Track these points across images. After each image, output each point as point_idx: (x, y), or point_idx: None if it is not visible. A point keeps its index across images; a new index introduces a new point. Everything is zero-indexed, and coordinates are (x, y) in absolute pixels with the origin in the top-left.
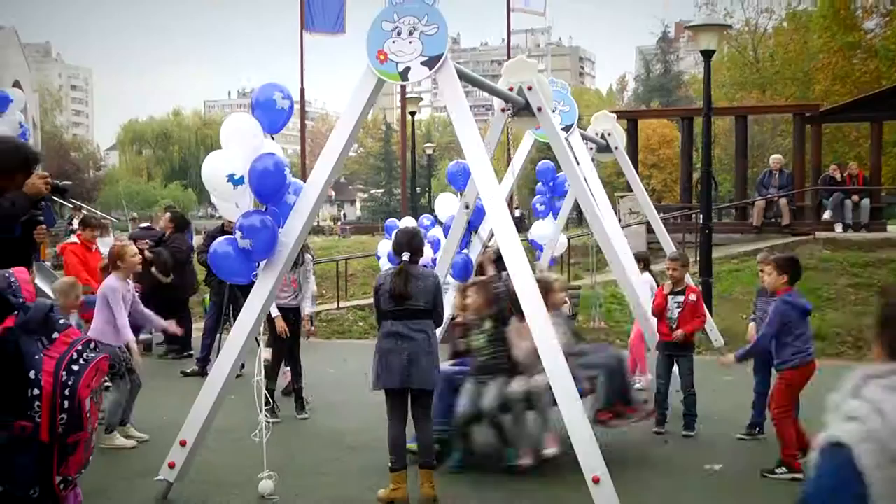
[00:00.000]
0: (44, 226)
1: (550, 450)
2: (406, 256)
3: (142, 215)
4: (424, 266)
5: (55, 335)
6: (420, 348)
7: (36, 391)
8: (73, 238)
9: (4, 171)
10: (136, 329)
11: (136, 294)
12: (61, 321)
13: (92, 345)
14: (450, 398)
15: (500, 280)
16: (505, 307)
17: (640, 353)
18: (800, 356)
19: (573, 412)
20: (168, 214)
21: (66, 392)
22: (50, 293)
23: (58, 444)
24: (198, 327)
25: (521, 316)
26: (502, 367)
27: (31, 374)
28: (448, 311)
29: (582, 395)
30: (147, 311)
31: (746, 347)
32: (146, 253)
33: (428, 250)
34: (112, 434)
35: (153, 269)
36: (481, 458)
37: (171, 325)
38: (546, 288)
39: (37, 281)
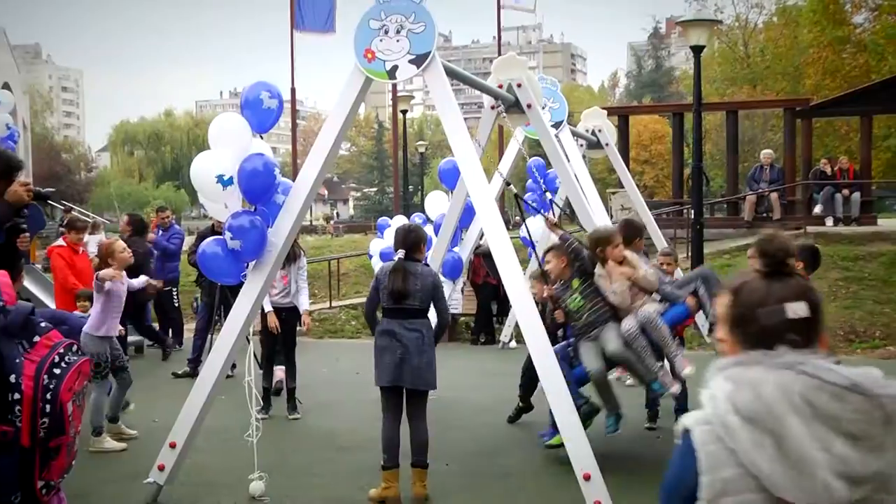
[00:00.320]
0: (27, 234)
1: (687, 370)
2: (401, 253)
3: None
4: (425, 264)
5: (36, 338)
6: (414, 348)
7: (17, 395)
8: (60, 241)
9: None
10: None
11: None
12: (42, 324)
13: (74, 348)
14: (569, 372)
15: (569, 237)
16: (585, 259)
17: None
18: None
19: (563, 409)
20: (126, 217)
21: (48, 396)
22: (40, 296)
23: (39, 448)
24: (189, 328)
25: (603, 261)
26: (606, 316)
27: (12, 379)
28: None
29: (688, 314)
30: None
31: None
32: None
33: None
34: (101, 437)
35: None
36: (473, 457)
37: (141, 281)
38: (636, 233)
39: (26, 284)
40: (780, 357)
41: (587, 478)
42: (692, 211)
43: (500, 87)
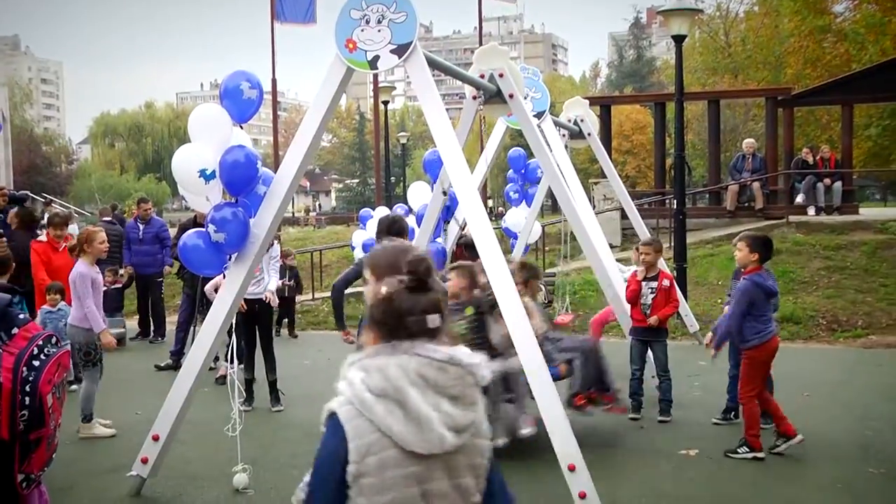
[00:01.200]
0: (3, 238)
1: (527, 430)
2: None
3: (103, 209)
4: None
5: (14, 330)
6: None
7: None
8: (43, 236)
9: None
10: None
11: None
12: (21, 316)
13: (53, 339)
14: None
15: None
16: (489, 302)
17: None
18: (758, 336)
19: (548, 401)
20: (15, 209)
21: (27, 388)
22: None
23: (19, 441)
24: (171, 320)
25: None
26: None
27: None
28: None
29: (557, 378)
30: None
31: (718, 334)
32: None
33: None
34: (91, 423)
35: None
36: None
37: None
38: (532, 274)
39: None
40: (399, 346)
41: (572, 469)
42: (675, 201)
43: (482, 77)
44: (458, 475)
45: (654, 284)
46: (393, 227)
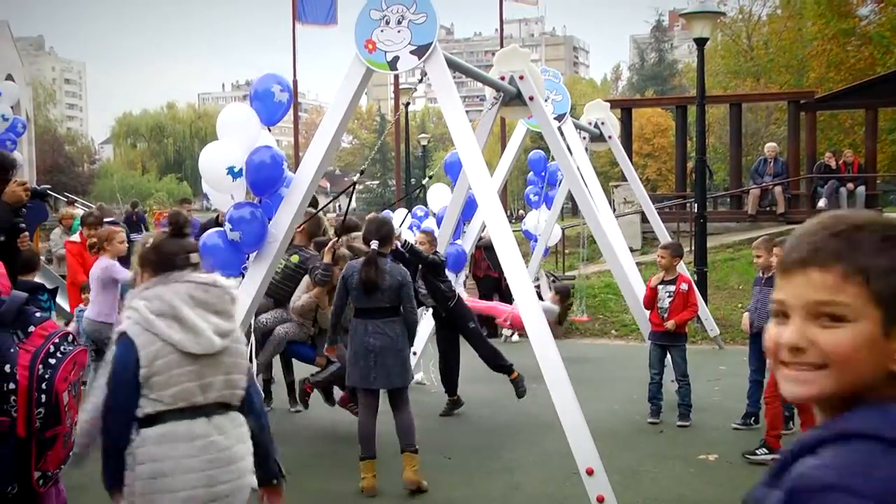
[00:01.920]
0: (26, 233)
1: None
2: (375, 245)
3: (106, 210)
4: (394, 262)
5: (31, 328)
6: (385, 351)
7: (11, 385)
8: (76, 236)
9: None
10: None
11: None
12: (37, 314)
13: (69, 338)
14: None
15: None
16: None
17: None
18: None
19: (565, 400)
20: None
21: (43, 386)
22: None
23: (35, 438)
24: None
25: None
26: (276, 298)
27: (7, 368)
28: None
29: (312, 361)
30: None
31: None
32: None
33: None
34: None
35: None
36: (474, 451)
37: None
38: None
39: (38, 279)
40: (171, 276)
41: (590, 472)
42: (695, 204)
43: (503, 79)
44: (227, 370)
45: (672, 288)
46: (382, 230)
